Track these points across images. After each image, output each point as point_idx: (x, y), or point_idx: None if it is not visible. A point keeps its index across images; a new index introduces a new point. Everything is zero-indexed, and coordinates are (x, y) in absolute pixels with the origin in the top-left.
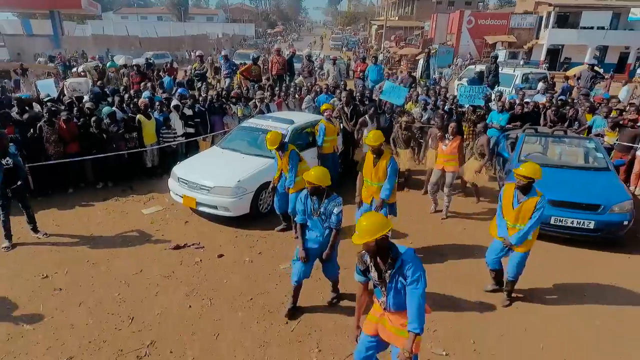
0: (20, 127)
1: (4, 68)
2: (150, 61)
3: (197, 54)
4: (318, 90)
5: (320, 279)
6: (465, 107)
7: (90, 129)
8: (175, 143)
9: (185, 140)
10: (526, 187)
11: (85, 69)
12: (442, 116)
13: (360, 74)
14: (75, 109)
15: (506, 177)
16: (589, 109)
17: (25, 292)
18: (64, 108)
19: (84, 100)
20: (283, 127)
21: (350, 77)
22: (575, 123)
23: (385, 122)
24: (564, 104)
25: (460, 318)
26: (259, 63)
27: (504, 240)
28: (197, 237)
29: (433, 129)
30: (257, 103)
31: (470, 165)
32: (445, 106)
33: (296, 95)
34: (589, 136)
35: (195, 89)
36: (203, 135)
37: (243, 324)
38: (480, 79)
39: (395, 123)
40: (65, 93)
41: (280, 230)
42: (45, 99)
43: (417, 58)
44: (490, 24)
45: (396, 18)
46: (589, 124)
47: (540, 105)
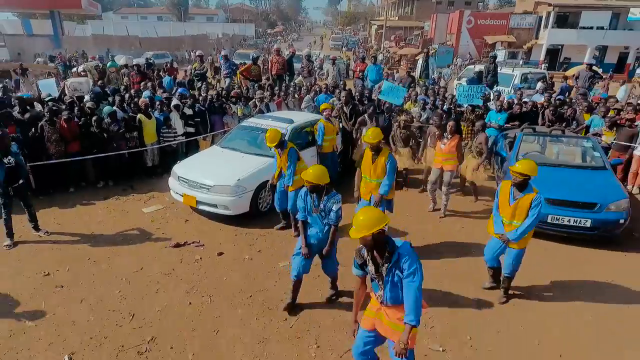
0: (21, 127)
1: (4, 68)
2: (151, 61)
3: (197, 54)
4: (317, 90)
5: (320, 276)
6: (464, 107)
7: (91, 129)
8: (175, 142)
9: (186, 139)
10: (522, 184)
11: (86, 69)
12: (441, 115)
13: (360, 74)
14: (76, 108)
15: (504, 176)
16: (586, 108)
17: (27, 290)
18: (65, 107)
19: (84, 100)
20: (282, 127)
21: (350, 77)
22: (573, 122)
23: (384, 122)
24: (562, 104)
25: (457, 315)
26: (259, 63)
27: (500, 237)
28: (197, 236)
29: (431, 127)
30: (257, 103)
31: (468, 163)
32: (444, 106)
33: (296, 95)
34: (587, 135)
35: (195, 89)
36: (203, 135)
37: (242, 320)
38: (479, 78)
39: (394, 122)
40: (66, 93)
41: (280, 229)
42: (46, 99)
43: (416, 58)
44: (490, 24)
45: (396, 18)
46: (586, 124)
47: (538, 105)
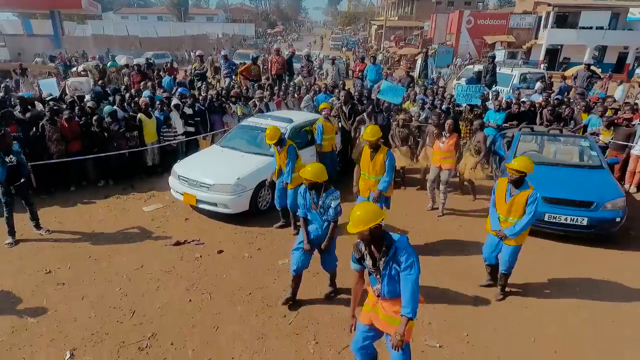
0: (22, 126)
1: (4, 68)
2: (151, 61)
3: (197, 53)
4: (317, 89)
5: (319, 273)
6: (462, 107)
7: (91, 128)
8: (175, 142)
9: (186, 138)
10: (518, 181)
11: (87, 68)
12: (439, 115)
13: (359, 74)
14: (76, 108)
15: (502, 175)
16: (584, 108)
17: (29, 287)
18: (66, 107)
19: (85, 100)
20: (282, 126)
21: (350, 77)
22: (571, 122)
23: (383, 121)
24: (560, 103)
25: (454, 311)
26: (258, 63)
27: (497, 233)
28: (197, 234)
29: (430, 127)
30: (257, 102)
31: (466, 161)
32: (443, 105)
33: (295, 95)
34: (584, 135)
35: (195, 89)
36: (203, 134)
37: (242, 317)
38: (478, 78)
39: (392, 121)
40: (67, 92)
41: (279, 227)
42: (47, 98)
43: (416, 58)
44: (490, 24)
45: (396, 18)
46: (584, 123)
47: (536, 105)
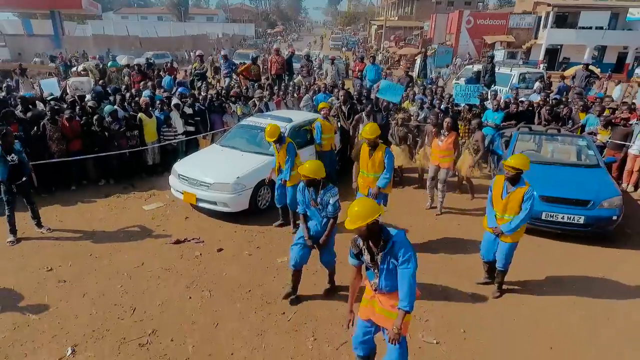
0: (23, 125)
1: (4, 68)
2: (151, 61)
3: (197, 53)
4: (316, 89)
5: (317, 271)
6: (461, 106)
7: (92, 127)
8: (175, 141)
9: (186, 138)
10: (515, 178)
11: (88, 68)
12: (437, 115)
13: (358, 74)
14: (77, 107)
15: (500, 173)
16: (582, 107)
17: (31, 284)
18: (67, 107)
19: (86, 99)
20: (282, 125)
21: (350, 77)
22: (569, 122)
23: (381, 120)
24: (558, 103)
25: (452, 308)
26: (258, 63)
27: (493, 230)
28: (197, 232)
29: (428, 126)
30: (256, 102)
31: (465, 158)
32: (442, 105)
33: (295, 94)
34: (582, 134)
35: (195, 88)
36: (203, 134)
37: (241, 314)
38: (477, 78)
39: (392, 120)
40: (68, 92)
41: (278, 226)
42: (48, 98)
43: (415, 58)
44: (489, 24)
45: (396, 18)
46: (582, 123)
47: (534, 104)
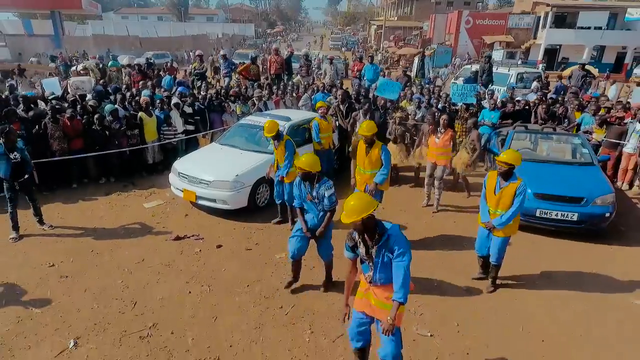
0: (25, 124)
1: (4, 68)
2: (151, 61)
3: (197, 53)
4: (315, 88)
5: (315, 267)
6: (458, 105)
7: (93, 126)
8: (175, 140)
9: (186, 137)
10: (507, 173)
11: (89, 67)
12: (434, 114)
13: (357, 73)
14: (78, 106)
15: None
16: (577, 106)
17: (33, 279)
18: (68, 106)
19: (87, 99)
20: (280, 124)
21: (350, 77)
22: (565, 121)
23: (379, 118)
24: (554, 102)
25: (446, 303)
26: (258, 62)
27: (486, 224)
28: (197, 229)
29: (424, 125)
30: (255, 101)
31: (461, 157)
32: (439, 104)
33: (294, 94)
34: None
35: (195, 88)
36: (202, 132)
37: (240, 308)
38: (476, 78)
39: (389, 119)
40: (69, 91)
41: (277, 223)
42: (49, 97)
43: (414, 58)
44: (488, 24)
45: (395, 18)
46: (577, 122)
47: (531, 104)
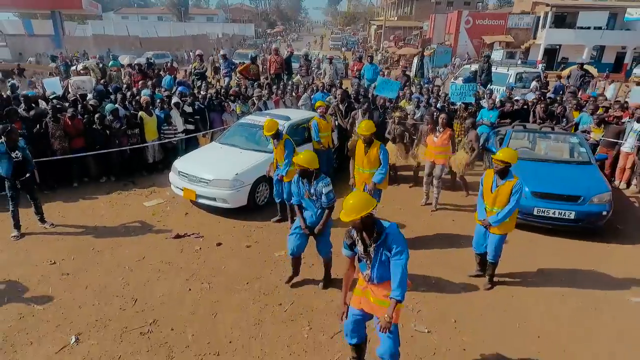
0: (26, 124)
1: (4, 68)
2: (151, 61)
3: (197, 53)
4: (314, 88)
5: (314, 264)
6: (457, 105)
7: (94, 126)
8: (175, 139)
9: (186, 136)
10: (503, 171)
11: (89, 67)
12: (432, 114)
13: (357, 73)
14: (79, 106)
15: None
16: (576, 106)
17: (35, 277)
18: (69, 105)
19: (87, 98)
20: (280, 123)
21: (349, 76)
22: (563, 120)
23: (378, 117)
24: (553, 102)
25: (444, 300)
26: (257, 62)
27: (482, 222)
28: (197, 228)
29: (423, 126)
30: (255, 101)
31: (459, 157)
32: (438, 104)
33: (293, 93)
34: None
35: (195, 88)
36: (203, 132)
37: (239, 305)
38: (475, 78)
39: (388, 118)
40: (70, 91)
41: (276, 221)
42: (51, 97)
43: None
44: (488, 24)
45: (395, 18)
46: (575, 121)
47: (529, 103)
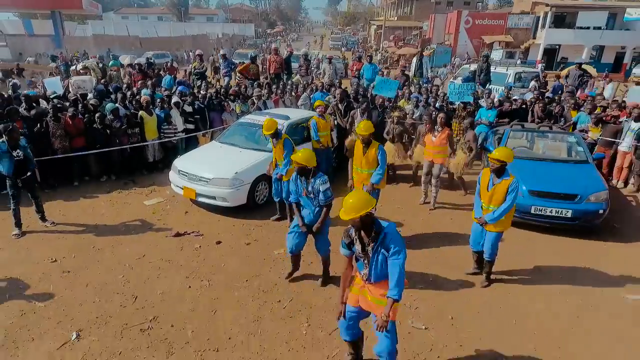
0: (27, 123)
1: (4, 68)
2: (151, 61)
3: (197, 53)
4: (314, 88)
5: (313, 262)
6: (456, 104)
7: (94, 125)
8: (175, 138)
9: (186, 135)
10: (499, 170)
11: (90, 67)
12: (431, 114)
13: (356, 73)
14: (80, 105)
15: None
16: (574, 105)
17: (36, 274)
18: (69, 105)
19: (88, 97)
20: (279, 123)
21: (348, 76)
22: (561, 119)
23: (377, 117)
24: (551, 101)
25: (441, 297)
26: (257, 62)
27: (478, 220)
28: (197, 226)
29: (421, 127)
30: (255, 100)
31: (458, 159)
32: (437, 103)
33: (293, 93)
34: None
35: (195, 87)
36: (202, 131)
37: (239, 301)
38: (474, 77)
39: (387, 118)
40: (70, 90)
41: (276, 220)
42: (51, 96)
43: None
44: (488, 24)
45: (395, 18)
46: (573, 120)
47: (527, 102)
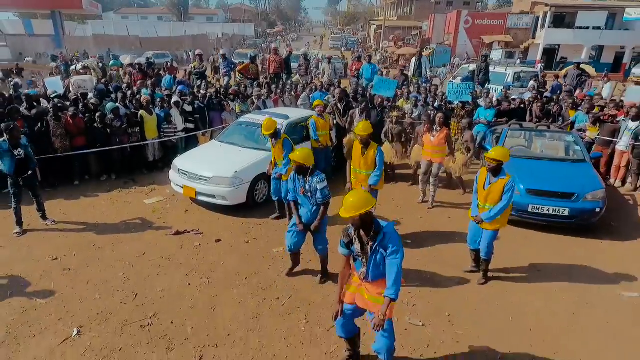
0: (28, 122)
1: (5, 68)
2: (151, 61)
3: (197, 52)
4: (313, 87)
5: (311, 260)
6: (454, 104)
7: (94, 124)
8: (175, 138)
9: (185, 135)
10: (496, 169)
11: (90, 66)
12: (429, 113)
13: (355, 72)
14: (80, 105)
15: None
16: (572, 105)
17: (37, 272)
18: (70, 104)
19: (88, 97)
20: (279, 122)
21: (348, 76)
22: (559, 119)
23: (376, 117)
24: (549, 101)
25: (438, 294)
26: (257, 62)
27: (475, 218)
28: (197, 224)
29: (420, 127)
30: (255, 100)
31: (456, 159)
32: (435, 103)
33: (292, 93)
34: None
35: (195, 87)
36: (202, 130)
37: (238, 299)
38: (473, 77)
39: (386, 118)
40: (71, 90)
41: (275, 219)
42: (52, 96)
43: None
44: (487, 24)
45: (395, 18)
46: (571, 120)
47: (526, 102)
